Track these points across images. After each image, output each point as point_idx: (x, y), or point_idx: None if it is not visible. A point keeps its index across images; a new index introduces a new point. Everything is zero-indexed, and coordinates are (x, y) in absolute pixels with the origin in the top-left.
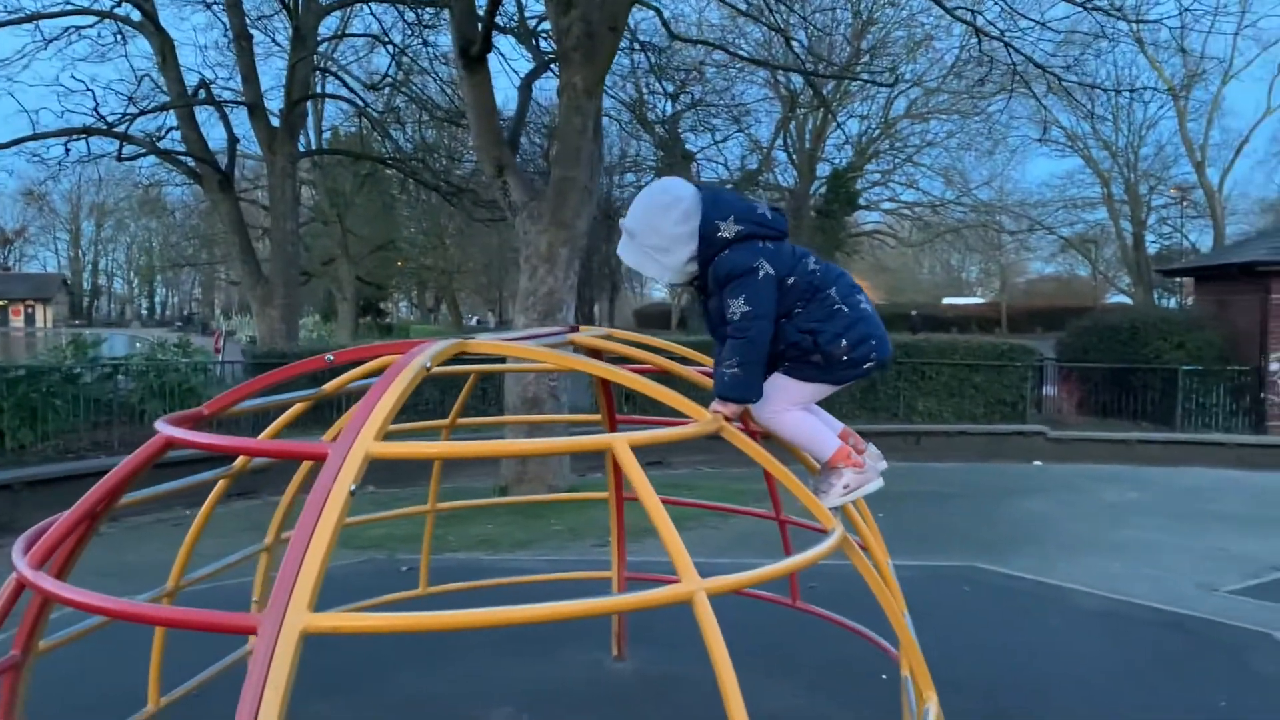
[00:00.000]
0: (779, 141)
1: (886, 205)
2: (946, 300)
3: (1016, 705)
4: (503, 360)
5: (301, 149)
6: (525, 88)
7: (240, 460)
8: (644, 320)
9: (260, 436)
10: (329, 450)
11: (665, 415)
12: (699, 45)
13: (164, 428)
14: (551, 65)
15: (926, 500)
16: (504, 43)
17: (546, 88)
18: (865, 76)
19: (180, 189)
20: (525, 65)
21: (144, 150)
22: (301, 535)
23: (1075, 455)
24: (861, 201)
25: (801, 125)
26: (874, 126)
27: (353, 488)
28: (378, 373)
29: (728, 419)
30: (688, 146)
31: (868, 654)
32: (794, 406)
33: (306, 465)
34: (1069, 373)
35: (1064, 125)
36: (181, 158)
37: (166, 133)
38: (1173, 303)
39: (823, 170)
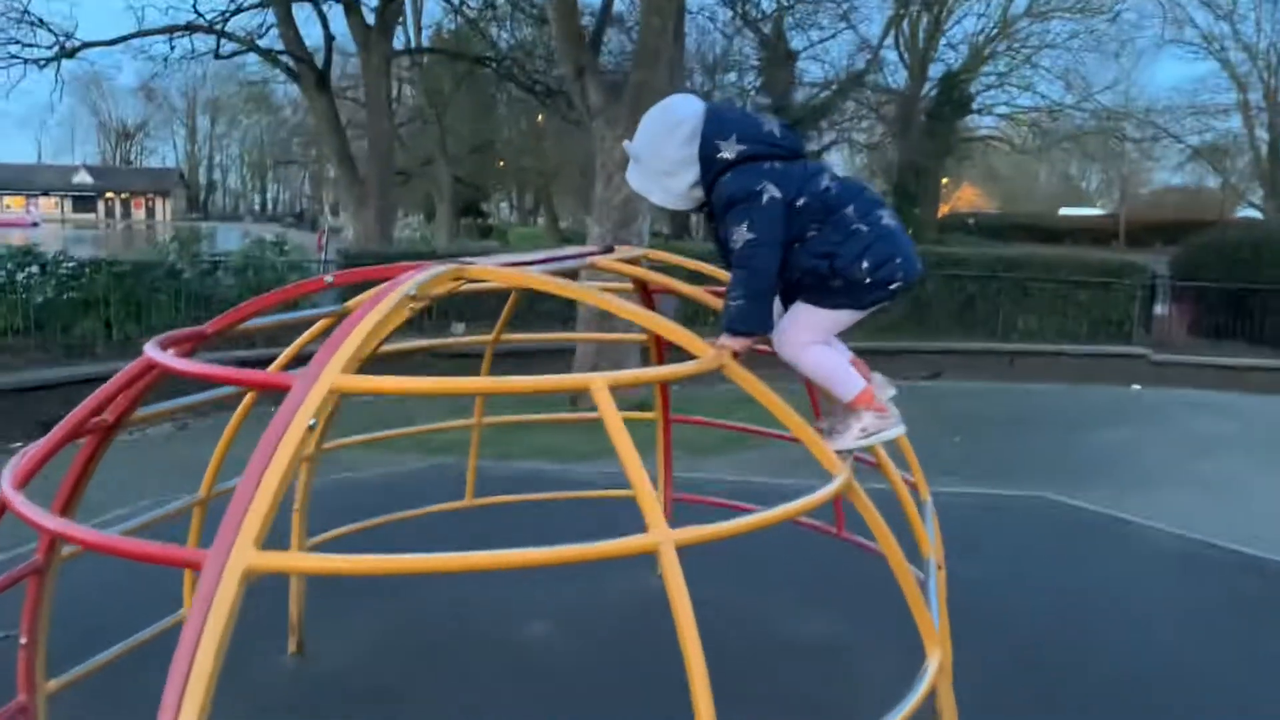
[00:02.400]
0: (889, 40)
1: (1001, 109)
2: (1063, 211)
3: (1061, 652)
4: (575, 275)
5: (400, 47)
6: None
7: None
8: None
9: (281, 356)
10: (294, 382)
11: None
12: None
13: (151, 350)
14: None
15: (1008, 425)
16: None
17: None
18: None
19: (287, 86)
20: None
21: (243, 48)
22: (254, 469)
23: (1178, 380)
24: (975, 105)
25: (915, 23)
26: (992, 25)
27: (312, 422)
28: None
29: (736, 354)
30: (791, 46)
31: None
32: (818, 338)
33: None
34: (1182, 292)
35: (1199, 25)
36: (280, 56)
37: (267, 30)
38: None
39: (936, 71)
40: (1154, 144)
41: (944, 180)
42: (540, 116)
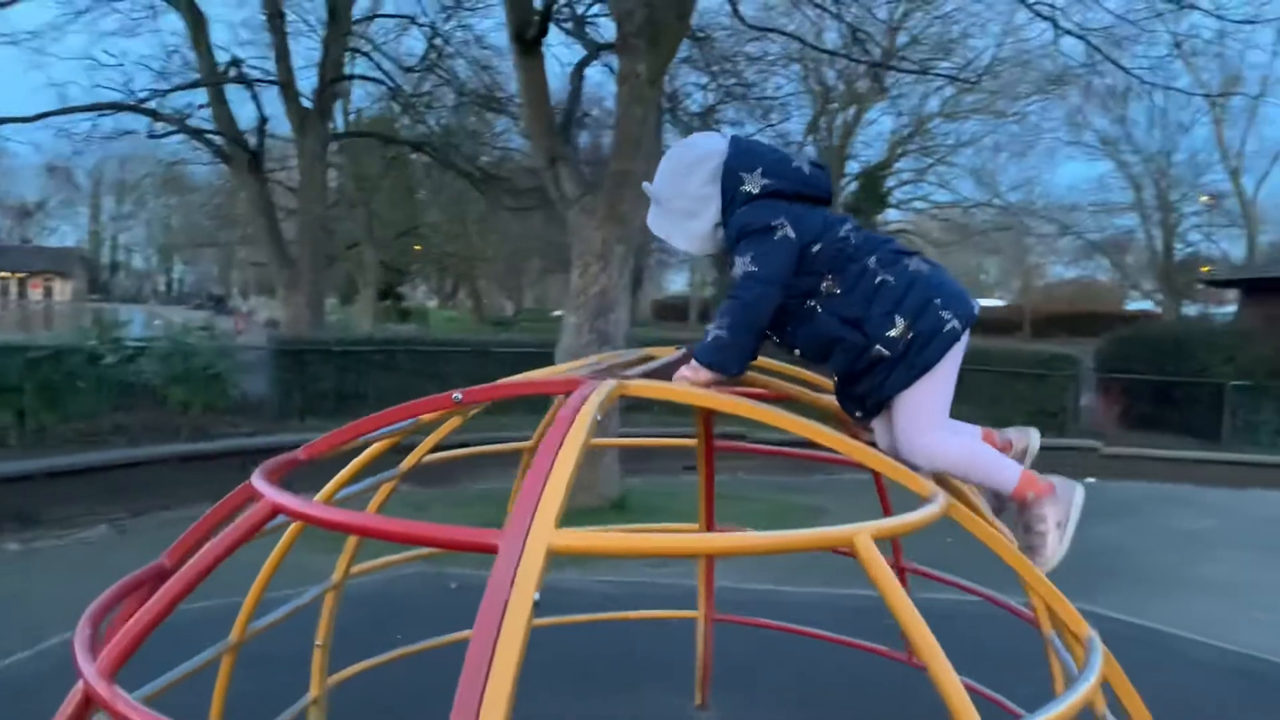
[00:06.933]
0: (810, 138)
1: (918, 205)
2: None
3: None
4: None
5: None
6: (577, 75)
7: (406, 464)
8: (662, 313)
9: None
10: (500, 542)
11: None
12: (764, 35)
13: (273, 493)
14: (602, 52)
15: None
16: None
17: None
18: (945, 72)
19: (205, 167)
20: (564, 51)
21: (174, 128)
22: (478, 657)
23: (1130, 473)
24: (891, 200)
25: (832, 121)
26: (907, 124)
27: (536, 596)
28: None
29: (695, 384)
30: None
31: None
32: (939, 422)
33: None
34: (1109, 384)
35: (1097, 129)
36: (211, 136)
37: (196, 110)
38: (1193, 310)
39: (852, 168)
40: (1057, 239)
41: None
42: (464, 203)
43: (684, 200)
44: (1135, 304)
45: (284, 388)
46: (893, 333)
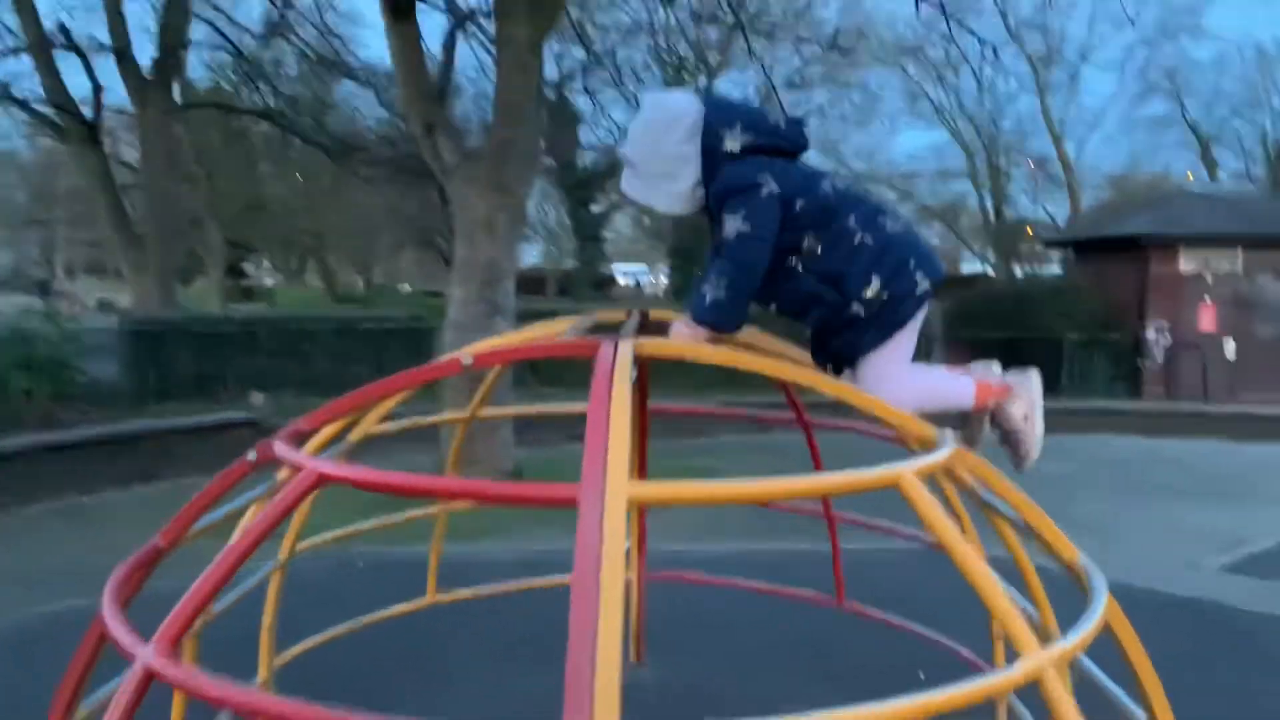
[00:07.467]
0: None
1: None
2: None
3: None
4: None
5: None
6: (449, 43)
7: (354, 436)
8: (519, 285)
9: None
10: (579, 495)
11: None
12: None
13: (315, 462)
14: (471, 18)
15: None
16: None
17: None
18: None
19: (21, 142)
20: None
21: None
22: (584, 615)
23: None
24: None
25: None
26: (756, 94)
27: (627, 544)
28: None
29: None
30: (575, 109)
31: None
32: (903, 371)
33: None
34: (958, 343)
35: (931, 98)
36: (39, 108)
37: (18, 81)
38: (1019, 271)
39: None
40: (898, 205)
41: None
42: (313, 176)
43: (660, 161)
44: (969, 266)
45: (138, 371)
46: (868, 292)
